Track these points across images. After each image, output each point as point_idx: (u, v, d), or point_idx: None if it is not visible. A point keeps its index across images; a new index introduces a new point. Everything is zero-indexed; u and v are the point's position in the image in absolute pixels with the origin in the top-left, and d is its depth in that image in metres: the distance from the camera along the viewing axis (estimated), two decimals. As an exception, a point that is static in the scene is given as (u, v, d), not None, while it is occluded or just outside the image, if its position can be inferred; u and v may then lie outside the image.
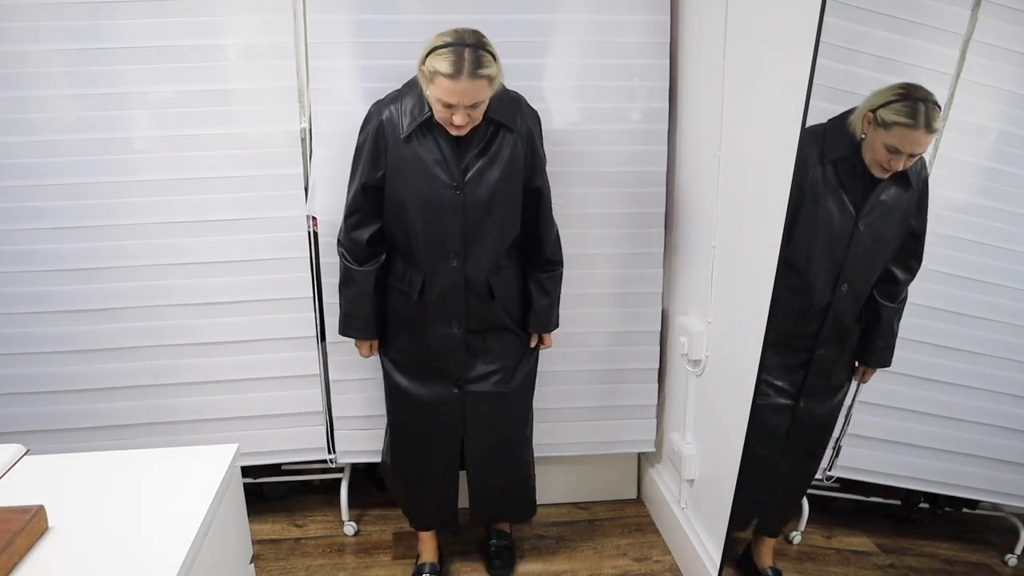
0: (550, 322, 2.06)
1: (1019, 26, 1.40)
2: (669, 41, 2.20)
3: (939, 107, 1.39)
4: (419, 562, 2.22)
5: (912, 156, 1.43)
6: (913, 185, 1.49)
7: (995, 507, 1.62)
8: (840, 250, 1.54)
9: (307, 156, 2.14)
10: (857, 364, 1.63)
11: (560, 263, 2.04)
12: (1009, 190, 1.47)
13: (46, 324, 2.16)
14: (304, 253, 2.19)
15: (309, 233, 2.18)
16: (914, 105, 1.40)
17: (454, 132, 1.77)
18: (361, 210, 1.91)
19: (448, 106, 1.70)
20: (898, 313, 1.53)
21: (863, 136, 1.45)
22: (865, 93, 1.52)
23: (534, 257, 2.02)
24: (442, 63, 1.67)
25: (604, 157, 2.15)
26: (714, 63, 1.93)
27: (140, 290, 2.16)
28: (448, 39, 1.70)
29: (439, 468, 2.10)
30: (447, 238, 1.85)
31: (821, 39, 1.44)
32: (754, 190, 1.77)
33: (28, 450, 1.25)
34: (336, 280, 2.19)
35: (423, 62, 1.73)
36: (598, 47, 2.18)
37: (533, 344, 2.08)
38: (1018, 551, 1.55)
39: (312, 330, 2.24)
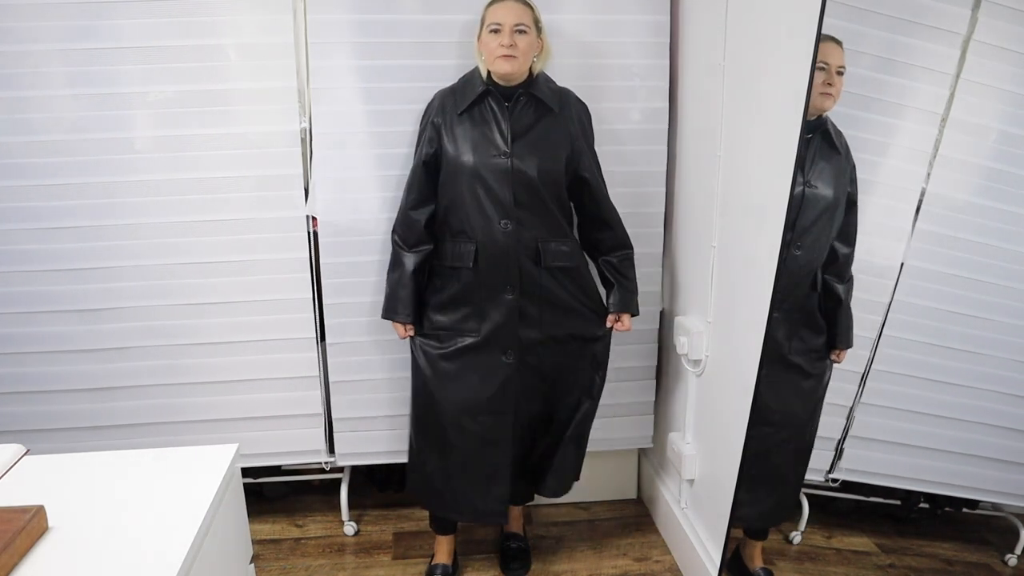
0: (632, 302, 2.09)
1: (1019, 26, 1.40)
2: (669, 41, 2.20)
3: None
4: (432, 562, 2.20)
5: (839, 73, 1.49)
6: (839, 148, 1.54)
7: (995, 507, 1.63)
8: (792, 211, 1.57)
9: (307, 156, 2.14)
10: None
11: (630, 247, 2.08)
12: (1009, 190, 1.48)
13: (46, 324, 2.16)
14: (304, 254, 2.19)
15: (309, 233, 2.18)
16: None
17: (503, 65, 1.88)
18: (419, 188, 2.01)
19: (497, 32, 1.87)
20: (850, 291, 1.60)
21: None
22: (865, 93, 1.53)
23: (604, 243, 2.07)
24: None
25: (604, 157, 2.14)
26: (714, 63, 1.93)
27: (140, 290, 2.16)
28: None
29: (488, 452, 2.05)
30: (497, 203, 1.93)
31: (821, 39, 1.44)
32: (754, 190, 1.77)
33: (28, 450, 1.25)
34: (337, 281, 2.20)
35: (480, 21, 1.94)
36: (598, 47, 2.18)
37: (610, 324, 2.09)
38: (1018, 551, 1.55)
39: (312, 331, 2.24)
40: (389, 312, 2.06)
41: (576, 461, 2.18)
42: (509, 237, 1.94)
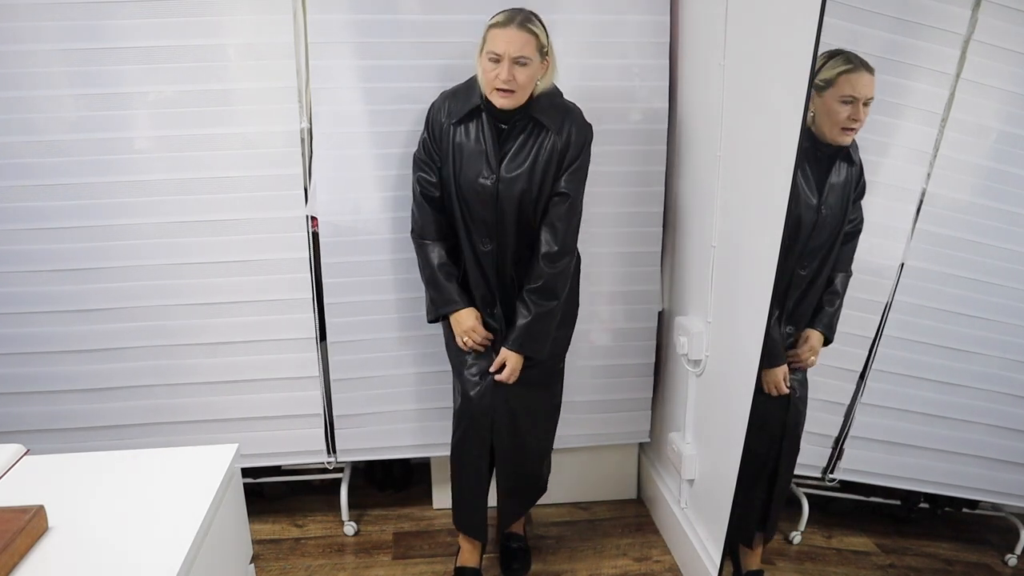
0: (525, 344, 1.92)
1: (1019, 26, 1.40)
2: (669, 41, 2.20)
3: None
4: (458, 564, 2.17)
5: (866, 104, 1.47)
6: (855, 159, 1.53)
7: (995, 507, 1.62)
8: (804, 237, 1.57)
9: (307, 156, 2.14)
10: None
11: (551, 287, 1.92)
12: (1009, 190, 1.48)
13: (46, 324, 2.16)
14: (304, 254, 2.19)
15: (309, 233, 2.18)
16: (845, 55, 1.46)
17: (499, 100, 1.82)
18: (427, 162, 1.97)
19: (496, 61, 1.78)
20: (847, 283, 1.59)
21: (813, 113, 1.49)
22: (865, 93, 1.53)
23: (530, 267, 1.95)
24: (496, 18, 1.83)
25: (604, 157, 2.15)
26: (714, 63, 1.93)
27: (140, 290, 2.16)
28: (505, 10, 1.84)
29: (477, 467, 2.05)
30: (481, 224, 1.92)
31: (821, 39, 1.44)
32: (754, 190, 1.77)
33: (28, 450, 1.25)
34: (337, 280, 2.20)
35: (482, 39, 1.85)
36: (598, 47, 2.18)
37: (494, 368, 1.94)
38: (1018, 551, 1.55)
39: (312, 331, 2.24)
40: (431, 313, 1.98)
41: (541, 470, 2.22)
42: (489, 257, 1.93)
